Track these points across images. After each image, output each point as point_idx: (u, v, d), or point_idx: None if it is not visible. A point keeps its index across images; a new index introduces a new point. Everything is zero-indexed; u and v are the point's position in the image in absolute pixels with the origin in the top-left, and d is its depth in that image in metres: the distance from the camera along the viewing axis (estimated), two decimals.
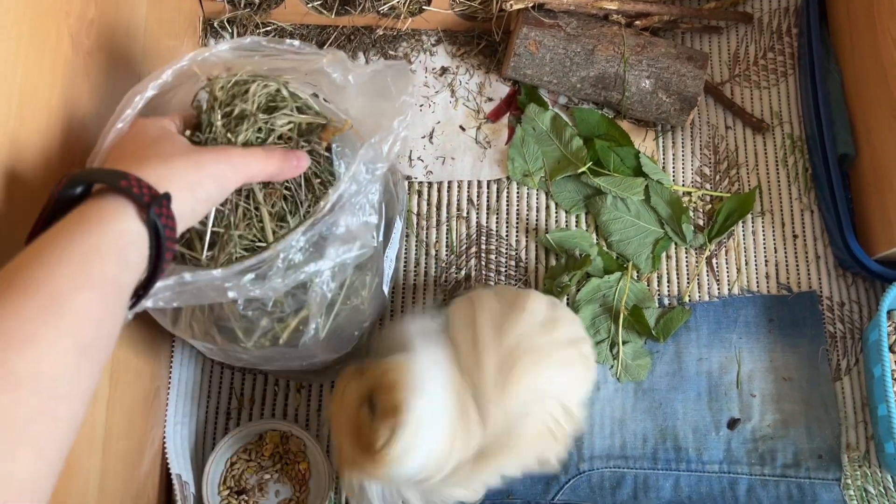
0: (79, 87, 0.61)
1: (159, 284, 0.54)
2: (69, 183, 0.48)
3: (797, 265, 0.96)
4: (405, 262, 0.94)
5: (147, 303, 0.55)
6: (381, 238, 0.70)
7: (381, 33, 1.00)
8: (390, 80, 0.66)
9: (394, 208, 0.74)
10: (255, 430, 0.85)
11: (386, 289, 0.78)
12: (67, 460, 0.58)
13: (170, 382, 0.85)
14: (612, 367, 0.91)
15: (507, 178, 0.98)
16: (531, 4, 0.93)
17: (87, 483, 0.64)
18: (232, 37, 0.98)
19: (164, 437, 0.82)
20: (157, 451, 0.82)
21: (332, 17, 0.98)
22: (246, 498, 0.84)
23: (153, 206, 0.47)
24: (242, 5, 0.98)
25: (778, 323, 0.93)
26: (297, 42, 0.66)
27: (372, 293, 0.72)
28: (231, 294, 0.57)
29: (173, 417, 0.84)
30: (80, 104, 0.61)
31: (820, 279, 0.95)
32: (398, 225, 0.76)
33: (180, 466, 0.82)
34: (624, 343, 0.91)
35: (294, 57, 0.65)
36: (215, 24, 0.98)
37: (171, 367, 0.86)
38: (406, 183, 0.96)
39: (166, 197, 0.49)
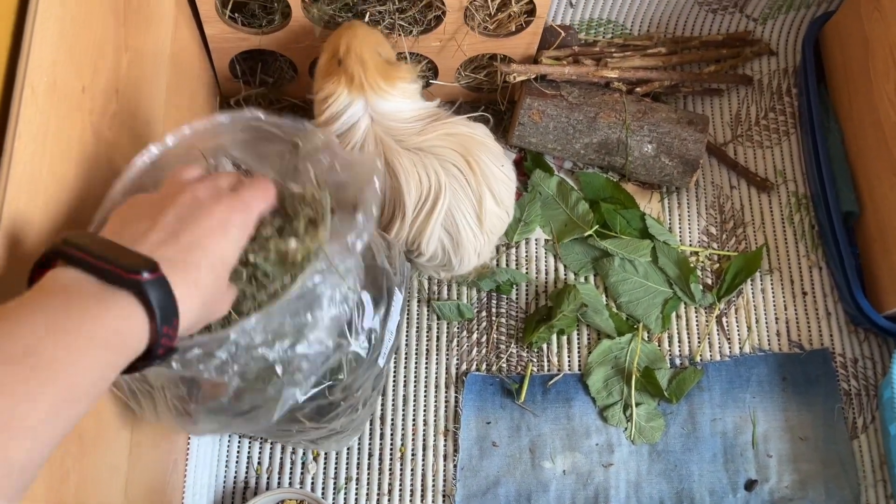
0: (102, 177, 0.64)
1: None
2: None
3: (808, 322, 0.96)
4: (417, 328, 0.95)
5: None
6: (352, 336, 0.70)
7: None
8: (358, 171, 0.65)
9: (391, 281, 0.75)
10: (273, 500, 0.86)
11: (381, 361, 0.78)
12: None
13: (188, 454, 0.87)
14: (626, 429, 0.91)
15: (516, 243, 1.00)
16: (533, 76, 0.96)
17: None
18: None
19: None
20: None
21: None
22: None
23: (163, 325, 0.47)
24: (258, 83, 1.03)
25: (791, 381, 0.93)
26: (284, 120, 0.67)
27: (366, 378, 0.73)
28: (175, 366, 0.56)
29: (192, 489, 0.86)
30: (104, 192, 0.64)
31: (832, 336, 0.95)
32: (398, 297, 0.77)
33: None
34: (637, 405, 0.91)
35: (283, 132, 0.66)
36: (232, 103, 1.03)
37: (188, 438, 0.87)
38: None
39: (176, 316, 0.48)
